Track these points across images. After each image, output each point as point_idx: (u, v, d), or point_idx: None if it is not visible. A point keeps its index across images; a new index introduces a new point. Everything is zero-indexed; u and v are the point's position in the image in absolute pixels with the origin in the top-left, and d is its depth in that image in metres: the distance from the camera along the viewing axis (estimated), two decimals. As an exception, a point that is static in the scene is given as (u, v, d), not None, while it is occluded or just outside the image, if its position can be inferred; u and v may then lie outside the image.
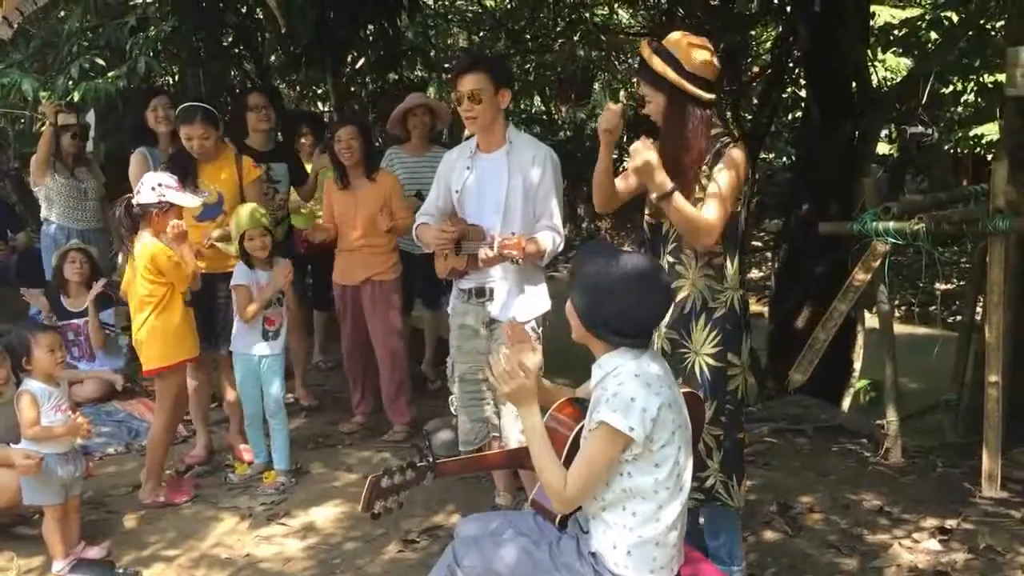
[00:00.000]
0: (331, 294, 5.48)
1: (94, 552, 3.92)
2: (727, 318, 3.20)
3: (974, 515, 4.01)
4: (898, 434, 4.71)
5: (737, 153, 3.14)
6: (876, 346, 5.26)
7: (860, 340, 8.10)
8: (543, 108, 15.98)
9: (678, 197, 3.03)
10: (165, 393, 4.48)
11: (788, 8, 8.09)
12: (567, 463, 2.55)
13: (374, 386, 5.42)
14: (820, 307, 5.62)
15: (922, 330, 10.96)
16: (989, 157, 12.77)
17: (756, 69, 11.30)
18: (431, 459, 2.66)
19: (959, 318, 11.08)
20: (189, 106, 4.89)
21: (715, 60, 3.16)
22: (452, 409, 4.08)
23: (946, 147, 11.90)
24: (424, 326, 6.41)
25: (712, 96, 3.15)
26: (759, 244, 14.65)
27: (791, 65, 9.14)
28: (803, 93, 9.74)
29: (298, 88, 11.16)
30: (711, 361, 3.19)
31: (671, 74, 3.08)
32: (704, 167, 3.15)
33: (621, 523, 2.54)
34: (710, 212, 3.09)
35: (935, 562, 3.61)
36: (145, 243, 4.30)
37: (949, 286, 12.43)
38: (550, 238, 3.64)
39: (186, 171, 4.73)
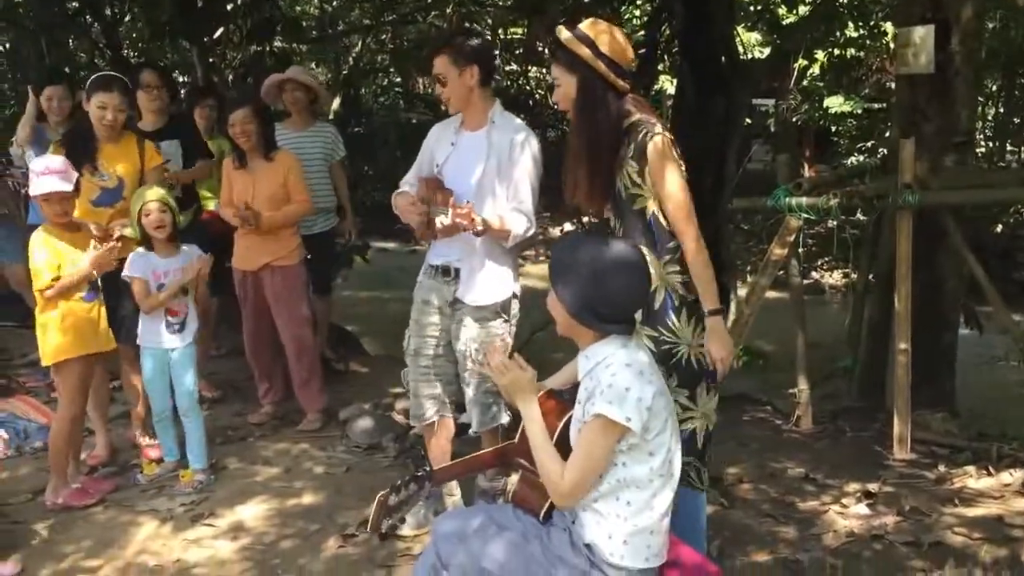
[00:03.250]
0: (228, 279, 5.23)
1: (7, 569, 3.63)
2: (700, 307, 3.08)
3: (892, 478, 4.22)
4: (809, 401, 4.89)
5: (659, 141, 3.00)
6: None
7: (732, 308, 8.40)
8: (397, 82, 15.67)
9: None
10: (63, 385, 4.18)
11: (662, -17, 8.21)
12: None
13: (281, 374, 5.23)
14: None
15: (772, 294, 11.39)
16: (833, 128, 13.48)
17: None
18: (428, 468, 2.62)
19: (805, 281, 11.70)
20: (105, 75, 4.63)
21: (630, 49, 3.10)
22: (403, 384, 4.01)
23: (795, 119, 12.42)
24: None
25: (626, 84, 3.06)
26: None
27: (665, 42, 9.28)
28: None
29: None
30: (702, 352, 3.08)
31: (585, 51, 3.00)
32: (623, 157, 3.05)
33: (615, 513, 2.52)
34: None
35: (868, 526, 3.76)
36: (34, 235, 4.06)
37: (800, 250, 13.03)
38: (518, 220, 3.56)
39: (85, 150, 4.40)
